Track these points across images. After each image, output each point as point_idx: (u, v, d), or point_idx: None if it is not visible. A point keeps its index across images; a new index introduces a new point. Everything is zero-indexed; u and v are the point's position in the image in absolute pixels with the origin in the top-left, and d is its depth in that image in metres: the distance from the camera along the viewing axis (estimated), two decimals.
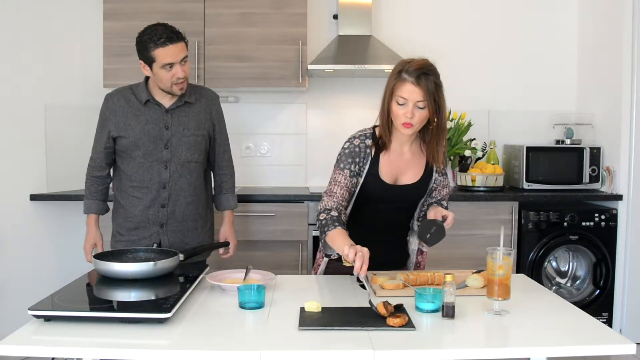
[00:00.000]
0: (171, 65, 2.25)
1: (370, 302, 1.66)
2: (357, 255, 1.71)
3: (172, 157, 2.35)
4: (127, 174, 2.39)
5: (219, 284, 1.89)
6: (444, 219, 1.98)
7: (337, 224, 1.88)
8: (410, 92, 1.88)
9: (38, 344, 1.44)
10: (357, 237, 1.87)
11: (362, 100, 4.09)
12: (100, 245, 2.53)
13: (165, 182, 2.35)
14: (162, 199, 2.37)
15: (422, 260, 2.24)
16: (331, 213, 1.93)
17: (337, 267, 2.07)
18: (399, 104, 1.91)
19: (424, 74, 1.90)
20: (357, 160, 2.01)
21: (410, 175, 2.07)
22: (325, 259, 2.15)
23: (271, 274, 1.99)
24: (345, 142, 2.06)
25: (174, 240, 2.40)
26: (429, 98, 1.89)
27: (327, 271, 2.18)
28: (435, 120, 1.96)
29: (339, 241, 1.82)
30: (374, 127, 2.08)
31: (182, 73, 2.27)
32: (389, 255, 2.16)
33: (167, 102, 2.38)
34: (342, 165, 2.02)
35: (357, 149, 2.02)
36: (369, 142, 2.03)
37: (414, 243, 2.18)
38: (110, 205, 2.54)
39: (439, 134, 2.00)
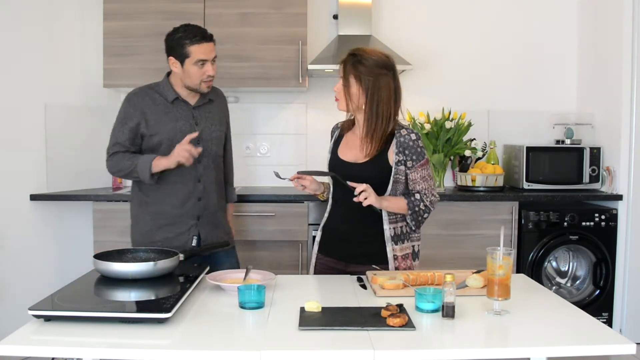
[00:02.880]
0: (204, 62, 2.36)
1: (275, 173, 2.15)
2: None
3: (204, 152, 2.44)
4: (162, 171, 2.43)
5: (219, 284, 1.89)
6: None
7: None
8: (340, 69, 2.14)
9: (38, 344, 1.44)
10: (334, 219, 2.22)
11: None
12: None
13: (199, 176, 2.45)
14: (198, 192, 2.46)
15: (400, 265, 2.20)
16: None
17: (325, 262, 2.22)
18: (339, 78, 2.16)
19: (353, 55, 2.11)
20: (330, 138, 2.33)
21: (357, 155, 2.17)
22: (314, 255, 2.29)
23: (271, 274, 1.99)
24: None
25: (208, 231, 2.51)
26: (345, 76, 2.09)
27: (316, 269, 2.27)
28: (367, 104, 2.10)
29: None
30: None
31: (212, 71, 2.40)
32: (361, 245, 2.18)
33: (192, 99, 2.48)
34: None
35: (332, 130, 2.35)
36: (340, 123, 2.31)
37: (390, 251, 2.18)
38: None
39: (368, 120, 2.12)
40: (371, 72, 2.07)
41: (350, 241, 2.19)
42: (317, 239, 2.30)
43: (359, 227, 2.18)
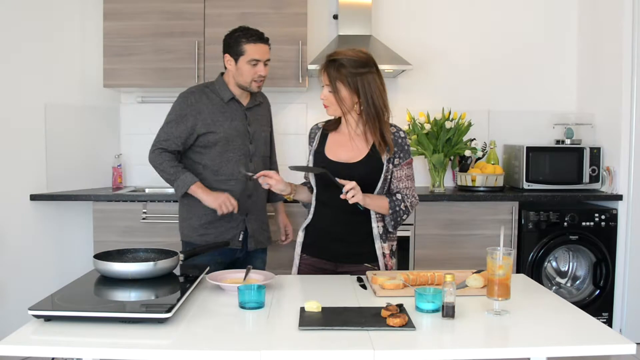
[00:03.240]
0: (257, 62, 2.50)
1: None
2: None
3: (255, 151, 2.64)
4: (212, 168, 2.56)
5: (219, 284, 1.89)
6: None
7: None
8: (322, 76, 2.13)
9: (38, 344, 1.44)
10: (320, 219, 2.21)
11: None
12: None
13: (251, 174, 2.44)
14: (249, 189, 2.61)
15: (389, 262, 2.21)
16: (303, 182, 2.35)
17: (312, 263, 2.23)
18: (321, 86, 2.17)
19: (334, 61, 2.09)
20: (310, 140, 2.30)
21: (352, 155, 2.15)
22: (298, 257, 2.28)
23: (271, 274, 1.99)
24: None
25: (255, 228, 2.67)
26: (332, 83, 2.08)
27: (302, 270, 2.27)
28: (357, 106, 2.12)
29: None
30: None
31: (264, 72, 2.53)
32: (350, 244, 2.18)
33: (244, 100, 2.63)
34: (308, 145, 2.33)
35: (311, 131, 2.32)
36: (320, 124, 2.30)
37: (379, 248, 2.19)
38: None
39: (365, 122, 2.12)
40: (356, 72, 2.07)
41: (340, 241, 2.18)
42: (300, 240, 2.27)
43: (348, 227, 2.17)
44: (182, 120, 2.54)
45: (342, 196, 2.00)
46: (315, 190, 2.23)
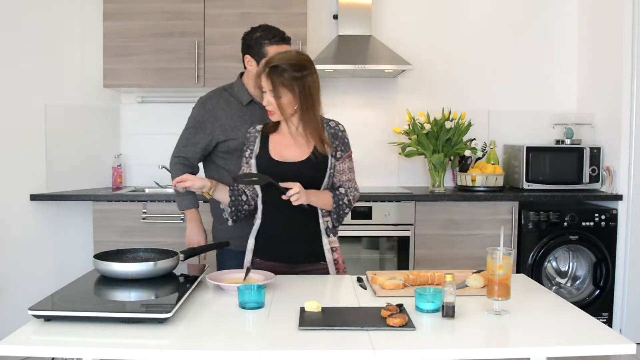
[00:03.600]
0: None
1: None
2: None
3: None
4: (236, 173, 2.41)
5: (219, 284, 1.89)
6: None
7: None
8: (264, 82, 2.10)
9: (38, 344, 1.44)
10: (271, 222, 2.17)
11: (362, 100, 4.09)
12: (204, 240, 2.59)
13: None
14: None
15: (339, 257, 2.23)
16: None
17: (266, 267, 2.15)
18: (262, 92, 2.13)
19: (276, 67, 2.08)
20: (248, 144, 2.25)
21: (296, 154, 2.16)
22: (249, 263, 2.22)
23: (271, 274, 1.99)
24: None
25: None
26: (276, 89, 2.06)
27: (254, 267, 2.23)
28: (301, 109, 2.12)
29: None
30: None
31: None
32: (305, 244, 2.17)
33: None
34: (243, 154, 2.27)
35: (248, 134, 2.27)
36: (259, 127, 2.25)
37: (326, 243, 2.19)
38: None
39: (305, 122, 2.13)
40: (299, 75, 2.09)
41: (294, 242, 2.17)
42: (251, 247, 2.23)
43: (299, 226, 2.16)
44: (200, 127, 2.47)
45: (284, 197, 2.00)
46: (261, 194, 2.21)
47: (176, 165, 2.53)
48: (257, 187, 2.20)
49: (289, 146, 2.17)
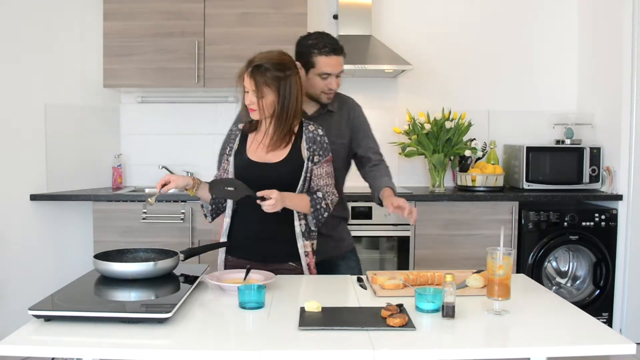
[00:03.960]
0: (328, 75, 2.28)
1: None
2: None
3: None
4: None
5: (219, 284, 1.89)
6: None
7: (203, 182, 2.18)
8: (247, 82, 2.10)
9: (38, 344, 1.44)
10: (244, 222, 2.15)
11: (362, 100, 4.05)
12: None
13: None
14: None
15: (311, 261, 2.21)
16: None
17: (238, 264, 2.16)
18: (245, 92, 2.13)
19: (259, 66, 2.08)
20: (229, 141, 2.26)
21: (273, 155, 2.15)
22: (222, 262, 2.23)
23: (271, 273, 1.99)
24: None
25: (320, 240, 2.36)
26: (259, 89, 2.06)
27: (227, 265, 2.24)
28: (279, 108, 2.11)
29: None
30: None
31: (335, 85, 2.31)
32: (278, 243, 2.17)
33: (309, 108, 2.36)
34: (221, 152, 2.28)
35: (230, 132, 2.27)
36: (240, 125, 2.26)
37: (301, 246, 2.18)
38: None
39: (281, 121, 2.12)
40: (282, 75, 2.08)
41: (266, 240, 2.16)
42: (227, 228, 2.22)
43: (273, 226, 2.14)
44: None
45: (258, 201, 2.00)
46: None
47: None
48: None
49: (268, 147, 2.17)
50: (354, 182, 2.61)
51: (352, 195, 3.16)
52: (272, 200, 1.99)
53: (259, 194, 2.00)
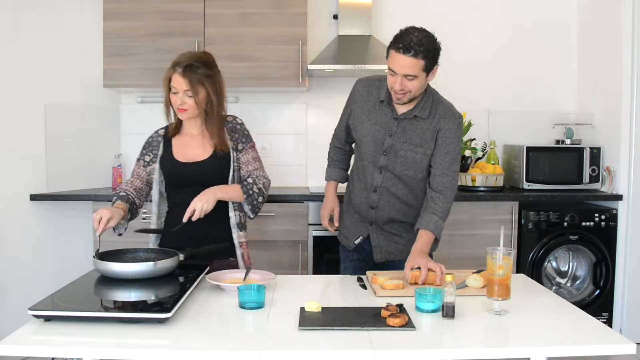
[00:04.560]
0: (394, 73, 2.13)
1: None
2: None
3: (388, 165, 2.26)
4: (357, 164, 2.42)
5: (218, 284, 1.89)
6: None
7: (115, 197, 2.20)
8: (178, 82, 2.11)
9: (38, 344, 1.44)
10: (186, 231, 2.09)
11: None
12: (337, 212, 2.52)
13: (376, 187, 2.30)
14: (372, 201, 2.32)
15: (245, 251, 2.27)
16: (118, 194, 2.22)
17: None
18: (173, 93, 2.15)
19: (190, 65, 2.11)
20: (150, 148, 2.28)
21: (199, 153, 2.20)
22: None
23: (271, 274, 1.99)
24: None
25: (382, 239, 2.37)
26: (193, 87, 2.10)
27: None
28: (207, 106, 2.18)
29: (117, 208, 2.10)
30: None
31: (398, 86, 2.12)
32: (213, 242, 2.18)
33: (401, 108, 2.24)
34: (138, 157, 2.30)
35: (150, 140, 2.30)
36: (161, 131, 2.29)
37: (236, 237, 2.23)
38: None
39: (212, 118, 2.19)
40: (212, 73, 2.16)
41: (204, 240, 2.16)
42: (155, 246, 2.27)
43: (208, 223, 2.14)
44: (347, 106, 2.44)
45: (187, 218, 2.03)
46: (166, 194, 2.27)
47: (331, 150, 2.59)
48: (162, 188, 2.25)
49: (192, 147, 2.22)
50: None
51: None
52: (194, 212, 2.02)
53: (185, 217, 2.04)
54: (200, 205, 2.05)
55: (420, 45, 2.11)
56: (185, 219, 2.04)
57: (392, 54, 2.11)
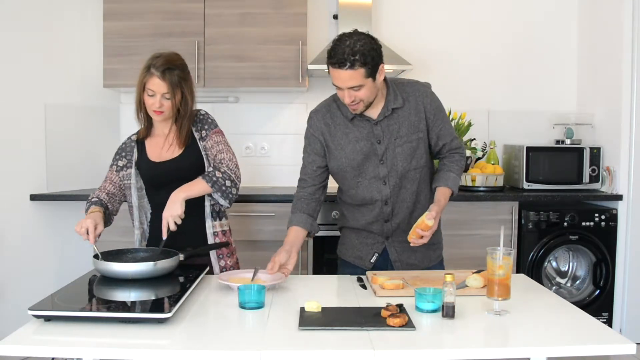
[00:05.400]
0: (338, 87, 2.06)
1: None
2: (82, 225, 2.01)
3: (390, 171, 2.18)
4: (347, 192, 2.26)
5: (228, 284, 1.88)
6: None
7: (88, 204, 2.20)
8: (157, 85, 2.13)
9: (38, 344, 1.44)
10: (160, 218, 2.04)
11: None
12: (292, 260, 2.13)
13: (386, 199, 2.20)
14: (385, 214, 2.22)
15: (229, 239, 2.29)
16: (91, 200, 2.21)
17: None
18: (149, 95, 2.16)
19: (169, 68, 2.14)
20: (124, 154, 2.29)
21: (173, 151, 2.23)
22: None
23: (280, 274, 1.98)
24: None
25: (402, 250, 2.26)
26: (172, 90, 2.13)
27: None
28: (181, 107, 2.19)
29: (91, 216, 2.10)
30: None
31: (348, 99, 2.05)
32: (193, 238, 2.18)
33: (373, 113, 2.16)
34: (111, 163, 2.32)
35: (122, 146, 2.32)
36: (134, 136, 2.31)
37: (210, 227, 2.24)
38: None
39: (184, 118, 2.21)
40: (185, 75, 2.19)
41: (181, 235, 2.10)
42: (138, 244, 2.26)
43: (187, 220, 2.07)
44: (310, 145, 2.25)
45: (166, 231, 2.00)
46: (147, 197, 2.25)
47: (295, 200, 2.32)
48: (140, 187, 2.23)
49: (164, 146, 2.24)
50: None
51: None
52: (165, 222, 1.99)
53: (164, 235, 2.00)
54: (170, 216, 1.98)
55: (353, 54, 1.98)
56: (164, 236, 2.00)
57: (331, 70, 2.02)
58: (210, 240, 2.24)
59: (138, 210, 2.25)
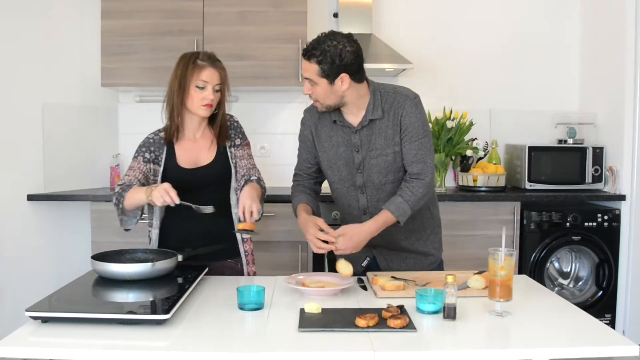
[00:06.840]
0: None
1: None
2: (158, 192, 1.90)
3: (366, 182, 2.15)
4: (334, 196, 2.28)
5: (297, 288, 1.87)
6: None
7: (127, 186, 2.05)
8: (210, 75, 2.11)
9: (35, 346, 1.43)
10: (188, 230, 2.13)
11: None
12: (324, 223, 2.07)
13: (364, 208, 2.19)
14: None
15: (249, 249, 2.31)
16: (125, 184, 2.08)
17: None
18: (199, 88, 2.10)
19: (218, 60, 2.15)
20: (152, 149, 2.18)
21: (206, 157, 2.20)
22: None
23: (351, 278, 1.95)
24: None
25: (390, 259, 2.25)
26: (223, 82, 2.15)
27: None
28: (220, 105, 2.19)
29: (136, 192, 1.99)
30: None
31: (306, 90, 2.09)
32: (217, 242, 2.17)
33: (353, 118, 2.13)
34: (135, 155, 2.18)
35: (150, 141, 2.20)
36: (162, 134, 2.20)
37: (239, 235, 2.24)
38: None
39: (218, 118, 2.21)
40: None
41: (201, 239, 2.14)
42: (154, 243, 2.20)
43: (206, 226, 2.14)
44: (302, 141, 2.28)
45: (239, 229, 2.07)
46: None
47: (293, 188, 2.37)
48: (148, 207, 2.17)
49: (196, 151, 2.19)
50: None
51: None
52: (251, 202, 2.04)
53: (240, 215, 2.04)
54: (252, 204, 2.03)
55: (314, 48, 2.00)
56: (239, 226, 2.06)
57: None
58: (241, 245, 2.26)
59: (160, 209, 2.15)
